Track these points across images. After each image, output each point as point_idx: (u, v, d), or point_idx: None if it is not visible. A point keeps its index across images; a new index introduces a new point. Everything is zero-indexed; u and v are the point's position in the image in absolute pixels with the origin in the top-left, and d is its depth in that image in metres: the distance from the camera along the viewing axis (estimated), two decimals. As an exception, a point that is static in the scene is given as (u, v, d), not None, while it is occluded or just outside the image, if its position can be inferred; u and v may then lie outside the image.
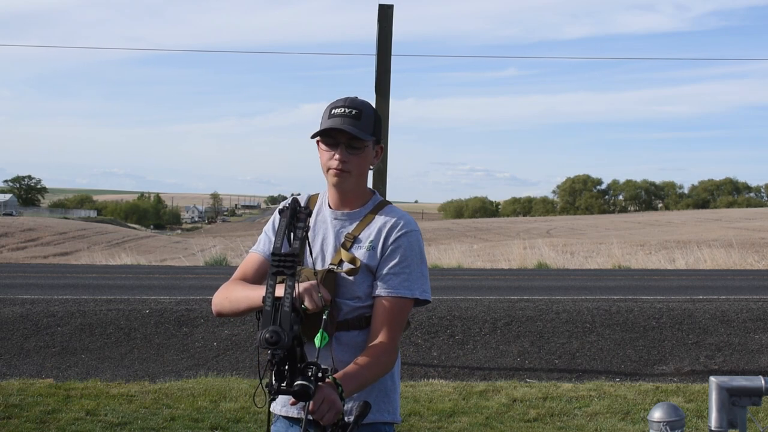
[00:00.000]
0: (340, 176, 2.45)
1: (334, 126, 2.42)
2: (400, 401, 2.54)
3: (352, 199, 2.51)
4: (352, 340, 2.39)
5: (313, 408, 2.05)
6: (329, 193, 2.54)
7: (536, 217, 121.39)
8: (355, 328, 2.39)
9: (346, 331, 2.38)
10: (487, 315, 9.51)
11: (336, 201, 2.52)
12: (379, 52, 7.83)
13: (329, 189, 2.53)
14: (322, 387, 2.06)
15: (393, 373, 2.46)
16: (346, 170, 2.44)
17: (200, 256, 24.24)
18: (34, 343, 8.55)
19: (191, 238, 61.71)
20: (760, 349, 8.80)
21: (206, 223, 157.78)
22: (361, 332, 2.40)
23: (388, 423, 2.46)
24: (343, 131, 2.41)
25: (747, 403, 2.94)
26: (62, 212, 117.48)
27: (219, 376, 7.63)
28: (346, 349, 2.38)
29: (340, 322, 2.37)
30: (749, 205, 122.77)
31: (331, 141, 2.45)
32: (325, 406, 2.07)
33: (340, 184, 2.46)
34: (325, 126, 2.44)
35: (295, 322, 1.96)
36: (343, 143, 2.44)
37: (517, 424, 6.09)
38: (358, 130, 2.41)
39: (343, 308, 2.38)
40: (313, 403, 2.04)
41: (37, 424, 5.83)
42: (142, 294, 11.38)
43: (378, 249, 2.43)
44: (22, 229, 56.63)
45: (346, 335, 2.39)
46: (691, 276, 16.71)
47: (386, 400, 2.45)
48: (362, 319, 2.40)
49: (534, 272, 18.23)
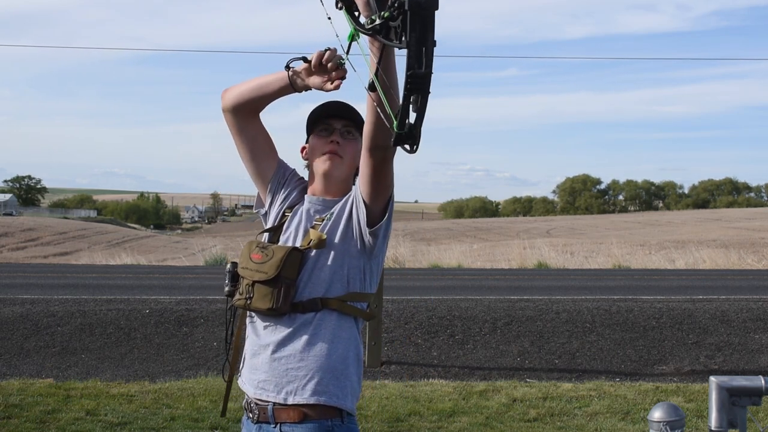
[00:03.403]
0: (333, 160, 2.45)
1: (334, 106, 2.48)
2: (359, 395, 2.43)
3: (335, 190, 2.49)
4: (307, 318, 2.34)
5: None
6: (315, 183, 2.51)
7: (536, 217, 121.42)
8: (311, 311, 2.33)
9: (302, 313, 2.33)
10: (487, 315, 9.51)
11: (320, 189, 2.49)
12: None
13: (316, 179, 2.50)
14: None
15: (346, 356, 2.36)
16: (340, 154, 2.45)
17: (200, 255, 24.24)
18: (34, 343, 8.55)
19: (191, 238, 61.72)
20: (760, 349, 8.80)
21: (206, 222, 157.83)
22: (318, 314, 2.34)
23: (336, 409, 2.33)
24: (341, 117, 2.47)
25: (747, 403, 2.94)
26: (62, 212, 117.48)
27: (219, 376, 7.63)
28: (313, 330, 2.33)
29: (296, 304, 2.33)
30: (749, 205, 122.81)
31: (326, 127, 2.49)
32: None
33: (331, 169, 2.45)
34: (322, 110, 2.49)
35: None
36: (338, 129, 2.48)
37: (517, 424, 6.09)
38: (354, 113, 2.48)
39: (305, 290, 2.34)
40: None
41: (37, 424, 5.83)
42: (142, 294, 11.38)
43: (340, 210, 2.41)
44: (22, 229, 56.63)
45: (302, 317, 2.34)
46: (690, 276, 16.71)
47: (336, 384, 2.34)
48: (318, 301, 2.34)
49: (534, 272, 18.23)
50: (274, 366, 2.35)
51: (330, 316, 2.34)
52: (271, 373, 2.35)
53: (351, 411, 2.37)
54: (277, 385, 2.34)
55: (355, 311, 2.37)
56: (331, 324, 2.34)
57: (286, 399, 2.32)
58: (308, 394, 2.30)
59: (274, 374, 2.35)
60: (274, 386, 2.34)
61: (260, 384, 2.37)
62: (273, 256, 2.33)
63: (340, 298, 2.35)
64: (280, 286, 2.30)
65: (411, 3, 1.58)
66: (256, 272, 2.33)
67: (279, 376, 2.34)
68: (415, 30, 1.60)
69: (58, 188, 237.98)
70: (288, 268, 2.31)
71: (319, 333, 2.33)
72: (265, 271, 2.32)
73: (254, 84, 2.39)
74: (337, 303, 2.34)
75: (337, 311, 2.35)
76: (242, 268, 2.39)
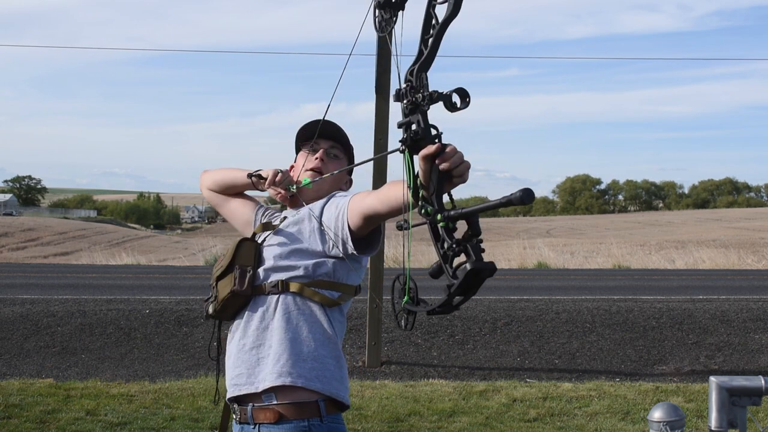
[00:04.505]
0: (315, 178, 2.52)
1: (321, 126, 2.54)
2: (345, 382, 2.41)
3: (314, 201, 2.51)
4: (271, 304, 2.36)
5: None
6: (295, 197, 2.53)
7: (536, 217, 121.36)
8: (273, 293, 2.36)
9: (264, 296, 2.37)
10: (487, 315, 9.51)
11: (300, 202, 2.51)
12: (379, 52, 7.83)
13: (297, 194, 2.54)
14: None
15: (313, 338, 2.35)
16: (323, 173, 2.53)
17: (200, 255, 24.25)
18: (34, 343, 8.55)
19: (191, 238, 61.73)
20: (760, 349, 8.80)
21: (206, 222, 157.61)
22: (276, 296, 2.36)
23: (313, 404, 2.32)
24: (328, 138, 2.56)
25: (747, 403, 2.94)
26: (62, 212, 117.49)
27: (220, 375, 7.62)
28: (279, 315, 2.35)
29: (257, 286, 2.37)
30: (749, 205, 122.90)
31: (313, 146, 2.58)
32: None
33: (312, 189, 2.52)
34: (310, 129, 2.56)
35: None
36: (324, 148, 2.57)
37: (517, 424, 6.09)
38: (341, 134, 2.57)
39: (267, 274, 2.38)
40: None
41: (37, 424, 5.83)
42: (142, 294, 11.39)
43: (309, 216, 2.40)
44: (22, 229, 56.64)
45: (265, 301, 2.37)
46: (690, 276, 16.71)
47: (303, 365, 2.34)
48: (279, 283, 2.36)
49: (534, 272, 18.23)
50: (246, 359, 2.39)
51: (293, 298, 2.36)
52: (243, 366, 2.40)
53: (329, 394, 2.33)
54: (249, 377, 2.38)
55: (320, 297, 2.36)
56: (295, 307, 2.36)
57: (258, 387, 2.35)
58: (275, 377, 2.32)
59: (246, 365, 2.39)
60: (246, 378, 2.38)
61: (233, 380, 2.43)
62: (227, 251, 2.46)
63: (303, 283, 2.36)
64: (235, 272, 2.38)
65: (473, 266, 1.61)
66: (217, 271, 2.46)
67: (251, 367, 2.38)
68: (461, 288, 1.64)
69: (58, 188, 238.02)
70: (241, 256, 2.39)
71: (282, 316, 2.35)
72: (222, 265, 2.44)
73: (226, 179, 2.71)
74: (298, 286, 2.35)
75: (298, 294, 2.36)
76: (211, 279, 2.51)
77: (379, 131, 7.78)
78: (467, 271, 1.59)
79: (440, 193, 1.71)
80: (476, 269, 1.59)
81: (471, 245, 1.62)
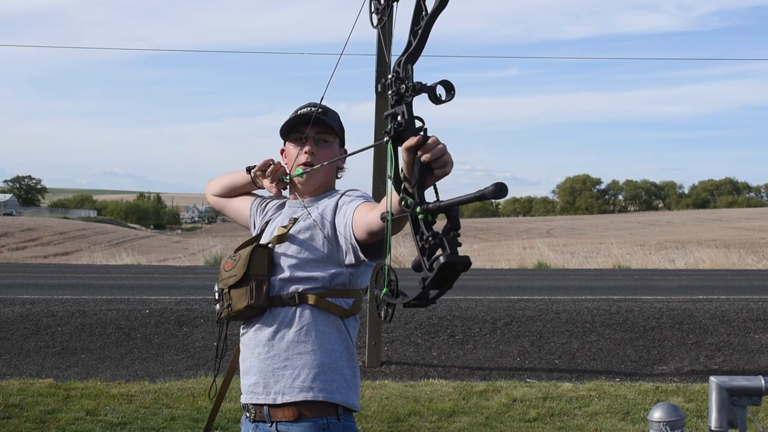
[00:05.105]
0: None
1: (303, 116, 2.47)
2: (358, 388, 2.43)
3: (313, 192, 2.52)
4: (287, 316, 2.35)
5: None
6: (293, 188, 2.54)
7: (536, 217, 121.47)
8: (290, 305, 2.35)
9: (281, 307, 2.36)
10: (487, 315, 9.52)
11: (299, 194, 2.52)
12: (380, 52, 7.83)
13: (294, 185, 2.53)
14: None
15: (332, 350, 2.36)
16: (315, 164, 2.47)
17: (200, 255, 24.26)
18: (34, 343, 8.55)
19: (191, 238, 61.74)
20: (760, 349, 8.80)
21: (206, 222, 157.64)
22: (298, 309, 2.34)
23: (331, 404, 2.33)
24: (315, 124, 2.46)
25: (747, 403, 2.94)
26: (62, 212, 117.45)
27: (219, 376, 7.62)
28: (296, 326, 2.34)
29: (273, 298, 2.36)
30: (749, 205, 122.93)
31: (298, 137, 2.49)
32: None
33: (307, 179, 2.47)
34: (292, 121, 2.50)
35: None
36: (311, 137, 2.48)
37: (517, 424, 6.09)
38: (326, 119, 2.47)
39: (282, 286, 2.36)
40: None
41: (37, 424, 5.83)
42: (142, 294, 11.39)
43: (323, 211, 2.39)
44: (22, 229, 56.63)
45: (282, 313, 2.35)
46: (690, 276, 16.71)
47: (324, 379, 2.34)
48: (296, 295, 2.35)
49: (534, 272, 18.23)
50: (262, 368, 2.37)
51: (310, 311, 2.35)
52: (259, 375, 2.38)
53: (347, 404, 2.36)
54: (266, 387, 2.36)
55: (334, 308, 2.36)
56: (312, 319, 2.35)
57: (276, 399, 2.33)
58: (296, 392, 2.32)
59: (262, 376, 2.37)
60: (263, 388, 2.36)
61: (250, 388, 2.41)
62: (240, 259, 2.38)
63: (320, 294, 2.35)
64: (251, 283, 2.34)
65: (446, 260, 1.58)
66: (229, 278, 2.39)
67: (267, 377, 2.36)
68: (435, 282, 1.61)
69: (58, 188, 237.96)
70: (255, 265, 2.35)
71: (301, 329, 2.34)
72: (235, 274, 2.37)
73: (228, 183, 2.77)
74: (315, 298, 2.34)
75: (316, 306, 2.34)
76: (219, 281, 2.45)
77: (379, 131, 7.79)
78: (440, 264, 1.57)
79: (422, 186, 1.70)
80: (449, 262, 1.57)
81: (447, 238, 1.61)
